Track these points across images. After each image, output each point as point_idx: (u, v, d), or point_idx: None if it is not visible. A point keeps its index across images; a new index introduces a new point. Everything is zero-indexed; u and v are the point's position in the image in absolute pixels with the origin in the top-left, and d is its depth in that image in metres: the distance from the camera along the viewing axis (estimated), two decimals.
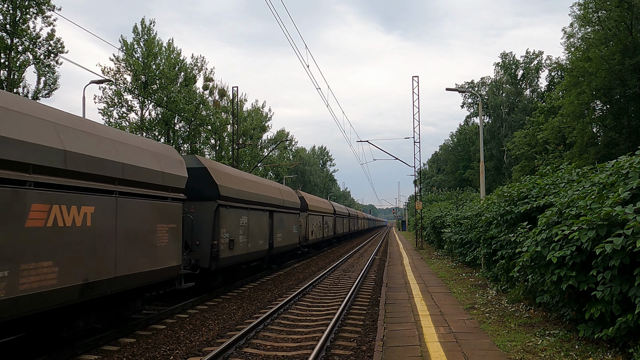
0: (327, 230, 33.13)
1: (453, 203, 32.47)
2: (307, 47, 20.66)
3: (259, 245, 15.88)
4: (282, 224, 19.14)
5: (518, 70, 65.64)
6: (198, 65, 44.33)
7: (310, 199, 28.23)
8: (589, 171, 10.05)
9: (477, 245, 15.70)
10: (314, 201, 29.11)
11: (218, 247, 12.24)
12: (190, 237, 11.81)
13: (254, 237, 15.38)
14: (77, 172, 6.90)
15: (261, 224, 16.31)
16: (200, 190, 12.15)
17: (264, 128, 60.87)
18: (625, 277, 5.74)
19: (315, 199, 30.96)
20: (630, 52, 31.24)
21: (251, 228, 14.99)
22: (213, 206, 12.34)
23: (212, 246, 12.13)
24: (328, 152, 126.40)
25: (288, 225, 20.21)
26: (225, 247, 12.73)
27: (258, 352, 7.92)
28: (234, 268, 14.50)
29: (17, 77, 27.39)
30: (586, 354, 6.29)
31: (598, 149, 34.57)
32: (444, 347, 7.02)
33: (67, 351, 7.51)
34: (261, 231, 16.25)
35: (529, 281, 8.62)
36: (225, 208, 12.90)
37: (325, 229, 32.07)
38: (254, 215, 15.51)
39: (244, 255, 14.36)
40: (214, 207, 12.33)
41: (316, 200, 30.91)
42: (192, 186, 11.36)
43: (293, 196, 22.11)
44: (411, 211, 68.73)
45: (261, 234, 16.23)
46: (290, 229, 20.57)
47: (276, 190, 18.96)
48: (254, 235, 15.38)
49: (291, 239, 20.86)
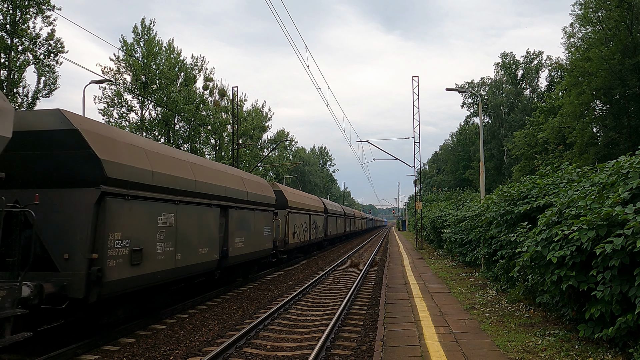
0: (316, 231, 28.71)
1: (453, 203, 32.48)
2: (307, 47, 20.67)
3: (200, 256, 11.16)
4: (243, 225, 14.45)
5: (518, 70, 65.69)
6: (198, 65, 44.40)
7: (291, 193, 23.65)
8: (589, 171, 10.06)
9: (477, 245, 15.70)
10: (296, 196, 24.50)
11: (103, 264, 7.57)
12: (48, 247, 7.39)
13: (190, 244, 10.61)
14: None
15: (205, 225, 11.49)
16: (65, 169, 7.64)
17: (264, 128, 60.89)
18: (625, 277, 5.74)
19: (299, 194, 26.23)
20: (630, 52, 31.25)
21: (183, 231, 10.30)
22: (92, 196, 7.55)
23: (91, 262, 7.44)
24: (328, 152, 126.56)
25: (255, 227, 15.60)
26: (122, 263, 8.06)
27: (258, 352, 7.92)
28: (150, 292, 9.73)
29: (17, 77, 27.40)
30: (586, 354, 6.29)
31: (598, 149, 34.59)
32: (444, 347, 7.02)
33: (67, 351, 7.50)
34: (205, 235, 11.45)
35: (529, 281, 8.63)
36: (122, 200, 8.12)
37: (314, 230, 27.80)
38: (190, 211, 10.67)
39: (168, 272, 9.65)
40: (94, 198, 7.55)
41: (300, 195, 26.19)
42: (48, 162, 7.61)
43: (265, 189, 17.32)
44: (411, 211, 68.75)
45: (205, 239, 11.43)
46: (258, 231, 15.93)
47: (235, 179, 14.09)
48: (190, 241, 10.62)
49: (260, 244, 16.10)
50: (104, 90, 38.16)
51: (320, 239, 30.37)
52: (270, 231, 17.66)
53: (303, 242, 24.47)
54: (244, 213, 14.57)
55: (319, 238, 29.76)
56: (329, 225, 34.26)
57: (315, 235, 28.32)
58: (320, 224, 30.27)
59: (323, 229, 31.36)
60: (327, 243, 35.35)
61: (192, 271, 10.92)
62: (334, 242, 40.42)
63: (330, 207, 35.15)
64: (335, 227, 37.63)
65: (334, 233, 36.85)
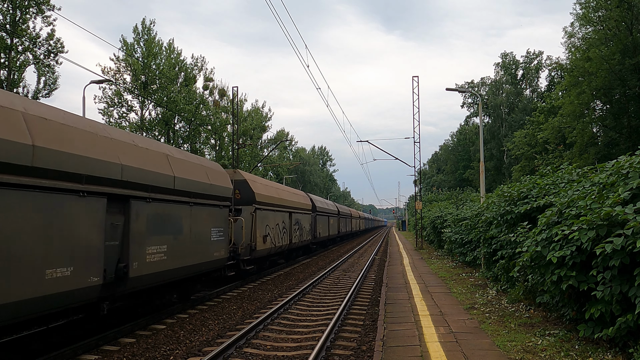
0: (301, 233, 23.68)
1: (453, 203, 32.49)
2: (307, 47, 20.67)
3: (51, 283, 6.50)
4: (167, 226, 9.76)
5: (518, 70, 65.70)
6: (198, 65, 44.42)
7: (262, 185, 18.13)
8: (589, 171, 10.05)
9: (477, 245, 15.70)
10: (270, 189, 18.98)
11: None
12: None
13: (19, 263, 6.00)
14: None
15: (66, 228, 6.86)
16: None
17: (264, 128, 60.90)
18: (625, 277, 5.74)
19: (274, 186, 20.66)
20: (630, 52, 31.27)
21: None
22: None
23: None
24: (328, 152, 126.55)
25: (193, 229, 10.84)
26: None
27: (258, 352, 7.92)
28: None
29: (17, 77, 27.40)
30: (586, 354, 6.29)
31: (598, 149, 34.60)
32: (444, 347, 7.02)
33: (67, 351, 7.50)
34: (66, 245, 6.83)
35: (529, 281, 8.63)
36: None
37: (297, 231, 23.00)
38: (19, 204, 6.06)
39: None
40: None
41: (276, 188, 20.64)
42: None
43: (215, 175, 12.47)
44: (411, 211, 68.76)
45: (65, 251, 6.81)
46: (199, 234, 11.20)
47: (151, 156, 9.39)
48: (19, 258, 5.99)
49: (204, 254, 11.40)
50: (104, 90, 38.21)
51: (307, 242, 25.53)
52: (223, 234, 12.63)
53: (280, 247, 19.55)
54: (168, 208, 9.69)
55: (305, 241, 24.86)
56: (319, 225, 29.63)
57: (300, 238, 23.45)
58: (307, 224, 25.63)
59: (311, 230, 26.66)
60: (316, 246, 29.83)
61: (22, 314, 6.10)
62: (326, 245, 35.28)
63: (320, 204, 30.65)
64: (326, 227, 32.78)
65: (325, 235, 32.01)
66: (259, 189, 17.44)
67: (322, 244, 33.32)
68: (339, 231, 40.32)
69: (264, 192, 17.95)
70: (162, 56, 40.21)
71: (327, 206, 34.20)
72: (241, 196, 16.20)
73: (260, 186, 17.75)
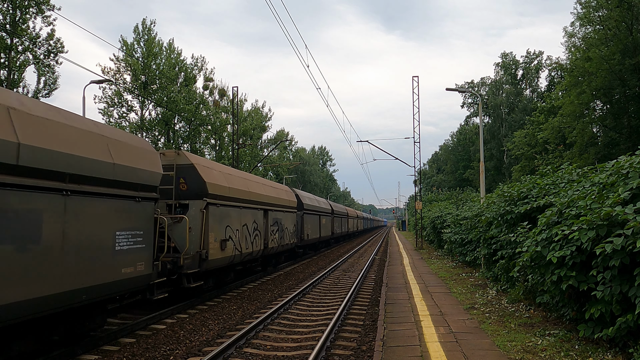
0: (282, 235, 19.78)
1: (453, 203, 32.48)
2: (307, 47, 20.67)
3: None
4: None
5: (518, 70, 65.70)
6: (198, 65, 44.44)
7: (219, 174, 13.53)
8: (589, 171, 10.05)
9: (477, 245, 15.70)
10: (231, 180, 14.31)
11: None
12: None
13: None
14: None
15: None
16: None
17: (264, 128, 60.90)
18: (625, 277, 5.74)
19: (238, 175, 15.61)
20: (630, 52, 31.27)
21: None
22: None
23: None
24: (328, 152, 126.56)
25: (86, 234, 7.33)
26: None
27: (258, 352, 7.92)
28: None
29: (17, 77, 27.40)
30: (586, 354, 6.29)
31: (598, 149, 34.60)
32: (444, 347, 7.02)
33: (67, 351, 7.50)
34: None
35: (529, 281, 8.63)
36: None
37: (276, 233, 19.03)
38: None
39: None
40: None
41: (242, 179, 15.72)
42: None
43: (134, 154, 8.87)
44: (411, 211, 68.76)
45: None
46: (95, 240, 7.54)
47: None
48: None
49: (95, 272, 7.50)
50: (104, 90, 38.24)
51: (290, 246, 21.72)
52: (144, 241, 8.86)
53: (249, 254, 15.46)
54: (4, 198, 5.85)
55: (287, 245, 20.99)
56: (307, 226, 25.96)
57: (279, 242, 19.30)
58: (291, 224, 21.87)
59: (296, 231, 23.21)
60: (303, 251, 25.91)
61: None
62: (318, 247, 31.55)
63: (308, 201, 27.23)
64: (317, 228, 28.93)
65: (315, 236, 28.16)
66: (214, 178, 12.92)
67: (312, 246, 29.53)
68: (332, 232, 36.21)
69: (222, 182, 13.35)
70: (162, 56, 40.24)
71: (318, 204, 30.35)
72: (188, 187, 12.04)
73: (216, 175, 13.19)
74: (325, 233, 32.59)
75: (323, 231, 31.35)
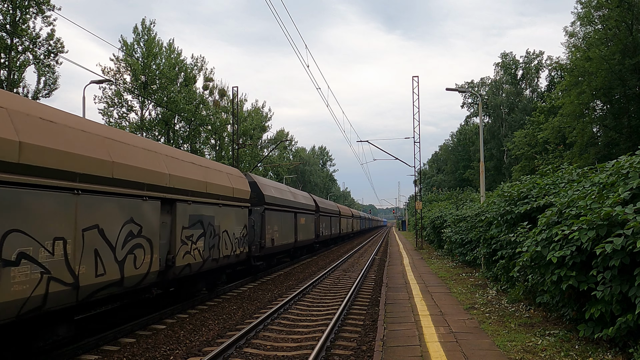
0: (226, 245, 12.92)
1: (453, 203, 32.48)
2: (307, 47, 20.68)
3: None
4: None
5: (518, 70, 65.72)
6: (198, 65, 44.46)
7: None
8: (589, 171, 10.06)
9: (477, 245, 15.70)
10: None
11: None
12: None
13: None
14: None
15: None
16: None
17: (264, 128, 60.93)
18: (625, 277, 5.75)
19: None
20: (630, 52, 31.28)
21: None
22: None
23: None
24: (328, 152, 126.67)
25: None
26: None
27: (258, 352, 7.92)
28: None
29: (17, 77, 27.41)
30: (586, 354, 6.29)
31: (598, 149, 34.62)
32: (444, 347, 7.02)
33: (67, 351, 7.50)
34: None
35: (529, 281, 8.63)
36: None
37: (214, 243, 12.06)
38: None
39: None
40: None
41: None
42: None
43: None
44: (411, 211, 68.76)
45: None
46: None
47: None
48: None
49: None
50: (104, 90, 38.25)
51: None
52: None
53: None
54: None
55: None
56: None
57: (217, 255, 12.33)
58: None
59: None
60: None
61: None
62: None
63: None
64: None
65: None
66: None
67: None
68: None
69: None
70: (162, 56, 40.25)
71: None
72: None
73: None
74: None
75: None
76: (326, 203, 34.43)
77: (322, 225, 30.30)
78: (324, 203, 32.47)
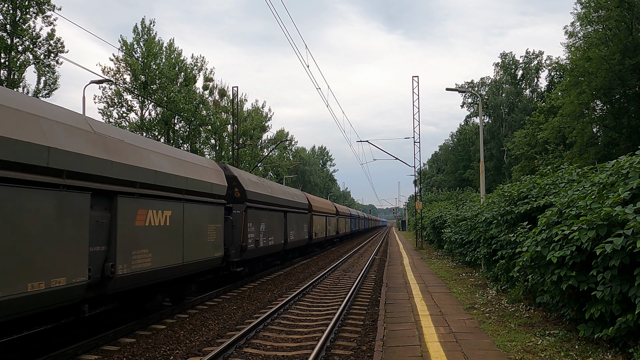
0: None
1: (453, 203, 32.48)
2: (307, 47, 20.67)
3: None
4: None
5: (518, 70, 65.75)
6: (198, 65, 44.43)
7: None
8: (589, 171, 10.06)
9: (477, 245, 15.70)
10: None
11: None
12: None
13: None
14: None
15: None
16: None
17: (264, 128, 60.95)
18: (625, 277, 5.75)
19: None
20: (630, 52, 31.29)
21: None
22: None
23: None
24: (328, 152, 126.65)
25: None
26: None
27: (258, 352, 7.92)
28: None
29: (17, 77, 27.40)
30: (586, 354, 6.29)
31: (598, 149, 34.62)
32: (444, 347, 7.02)
33: (67, 351, 7.50)
34: None
35: (529, 281, 8.63)
36: None
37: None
38: None
39: None
40: None
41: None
42: None
43: None
44: (411, 211, 68.76)
45: None
46: None
47: None
48: None
49: None
50: (104, 90, 38.24)
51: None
52: None
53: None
54: None
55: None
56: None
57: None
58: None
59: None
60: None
61: None
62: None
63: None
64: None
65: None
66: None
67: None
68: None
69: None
70: (162, 56, 40.24)
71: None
72: None
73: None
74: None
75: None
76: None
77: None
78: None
